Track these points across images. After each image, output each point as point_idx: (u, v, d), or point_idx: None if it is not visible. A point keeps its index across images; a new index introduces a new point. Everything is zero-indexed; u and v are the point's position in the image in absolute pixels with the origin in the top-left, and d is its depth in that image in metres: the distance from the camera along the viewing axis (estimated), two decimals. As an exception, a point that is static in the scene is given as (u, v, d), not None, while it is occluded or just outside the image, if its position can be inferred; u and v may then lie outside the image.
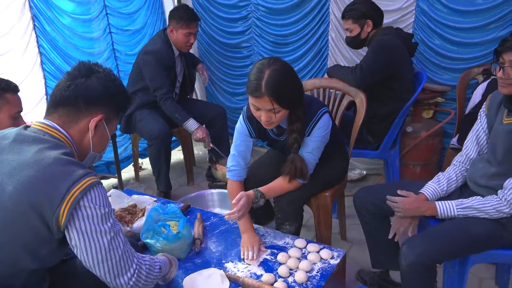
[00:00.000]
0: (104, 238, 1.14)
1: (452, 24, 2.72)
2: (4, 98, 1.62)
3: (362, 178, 3.26)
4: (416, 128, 2.84)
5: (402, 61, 2.46)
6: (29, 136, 1.16)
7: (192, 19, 2.86)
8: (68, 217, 1.09)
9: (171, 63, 2.90)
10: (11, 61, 2.68)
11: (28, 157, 1.11)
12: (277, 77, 1.60)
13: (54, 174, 1.09)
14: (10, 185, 1.08)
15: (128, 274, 1.20)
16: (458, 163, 1.80)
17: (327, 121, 1.81)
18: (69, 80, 1.23)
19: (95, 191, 1.13)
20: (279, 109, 1.65)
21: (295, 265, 1.70)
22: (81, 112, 1.23)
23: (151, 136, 2.82)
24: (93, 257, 1.14)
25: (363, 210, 1.91)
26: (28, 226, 1.09)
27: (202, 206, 2.56)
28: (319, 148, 1.86)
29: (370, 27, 2.52)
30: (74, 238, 1.12)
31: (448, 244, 1.56)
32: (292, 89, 1.65)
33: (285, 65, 1.68)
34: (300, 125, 1.75)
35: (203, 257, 1.82)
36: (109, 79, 1.28)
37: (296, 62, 3.36)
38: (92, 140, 1.27)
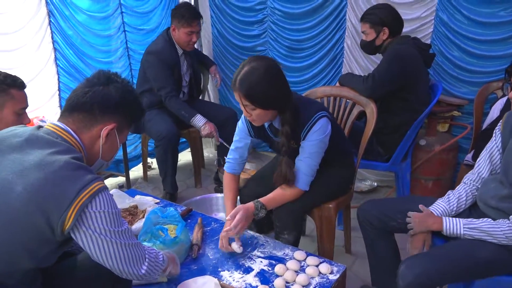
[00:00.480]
0: (114, 236, 1.18)
1: (472, 36, 2.63)
2: (9, 94, 1.63)
3: (372, 189, 3.18)
4: (429, 142, 2.75)
5: (417, 72, 2.39)
6: (42, 137, 1.18)
7: (194, 17, 2.83)
8: (75, 221, 1.11)
9: (173, 62, 2.89)
10: (25, 56, 2.71)
11: (39, 159, 1.12)
12: (251, 75, 1.63)
13: (63, 178, 1.11)
14: (20, 185, 1.09)
15: (139, 263, 1.27)
16: (470, 181, 1.73)
17: (324, 125, 1.75)
18: (87, 87, 1.26)
19: (102, 196, 1.16)
20: (252, 107, 1.67)
21: (292, 278, 1.65)
22: (95, 119, 1.26)
23: (158, 136, 2.81)
24: (105, 252, 1.18)
25: (366, 224, 1.85)
26: (32, 226, 1.11)
27: (206, 210, 2.54)
28: (317, 153, 1.80)
29: (386, 35, 2.46)
30: (83, 238, 1.15)
31: (450, 266, 1.48)
32: (267, 89, 1.64)
33: (267, 64, 1.66)
34: (288, 128, 1.74)
35: (199, 264, 1.79)
36: (127, 90, 1.31)
37: (310, 68, 3.31)
38: (102, 148, 1.29)
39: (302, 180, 1.83)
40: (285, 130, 1.75)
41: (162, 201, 2.30)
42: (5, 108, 1.62)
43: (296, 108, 1.75)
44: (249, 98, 1.65)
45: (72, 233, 1.14)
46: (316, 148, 1.78)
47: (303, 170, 1.82)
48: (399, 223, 1.77)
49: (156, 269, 1.36)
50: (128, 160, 3.18)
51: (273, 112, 1.74)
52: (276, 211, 1.93)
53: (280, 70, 1.70)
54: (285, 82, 1.72)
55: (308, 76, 3.33)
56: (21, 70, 2.62)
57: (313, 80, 3.32)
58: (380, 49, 2.51)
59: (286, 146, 1.77)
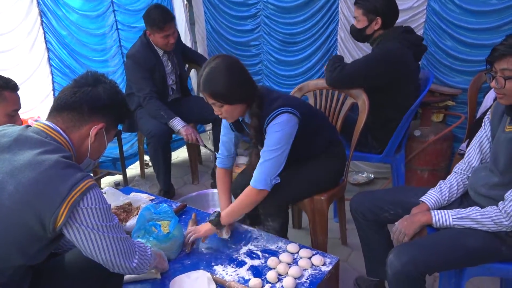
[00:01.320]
0: (105, 230, 1.20)
1: (464, 25, 2.62)
2: (1, 96, 1.64)
3: (369, 181, 3.18)
4: (424, 132, 2.74)
5: (407, 72, 2.30)
6: (32, 137, 1.19)
7: (164, 21, 2.74)
8: (67, 218, 1.13)
9: (152, 64, 2.86)
10: (18, 57, 2.73)
11: (29, 159, 1.14)
12: (212, 74, 1.70)
13: (54, 176, 1.13)
14: (11, 184, 1.11)
15: (131, 256, 1.29)
16: (460, 170, 1.72)
17: (284, 121, 1.74)
18: (75, 87, 1.28)
19: (93, 193, 1.18)
20: (219, 104, 1.74)
21: (284, 270, 1.66)
22: (84, 119, 1.28)
23: (149, 134, 2.83)
24: (97, 247, 1.20)
25: (359, 216, 1.85)
26: (22, 224, 1.12)
27: (202, 206, 2.54)
28: (276, 149, 1.75)
29: (379, 25, 2.33)
30: (76, 234, 1.17)
31: (439, 255, 1.48)
32: (229, 85, 1.70)
33: (226, 62, 1.73)
34: (256, 121, 1.79)
35: (192, 259, 1.80)
36: (114, 91, 1.34)
37: (305, 62, 3.30)
38: (91, 147, 1.32)
39: (255, 176, 1.80)
40: (253, 122, 1.80)
41: (157, 197, 2.31)
42: None
43: (262, 101, 1.79)
44: (214, 96, 1.72)
45: (64, 230, 1.16)
46: (274, 142, 1.75)
47: (258, 166, 1.80)
48: (391, 214, 1.77)
49: (145, 262, 1.38)
50: (125, 158, 3.19)
51: (241, 107, 1.78)
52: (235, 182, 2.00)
53: (240, 64, 1.77)
54: (247, 76, 1.78)
55: (303, 69, 3.32)
56: (14, 71, 2.64)
57: (308, 73, 3.31)
58: (369, 39, 2.41)
59: (255, 138, 1.83)
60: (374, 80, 2.28)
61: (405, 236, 1.60)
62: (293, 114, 1.76)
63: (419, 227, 1.60)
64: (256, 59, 3.55)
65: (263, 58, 3.51)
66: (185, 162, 3.67)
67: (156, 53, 2.91)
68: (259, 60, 3.54)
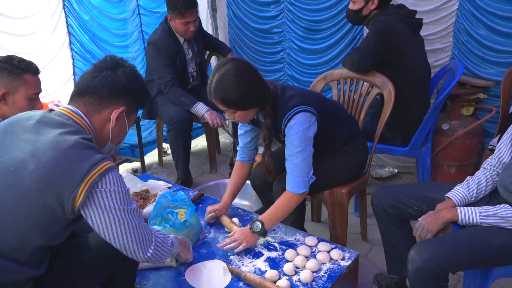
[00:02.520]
0: (123, 214, 1.20)
1: (499, 13, 2.48)
2: (22, 79, 1.64)
3: (392, 176, 3.09)
4: (453, 126, 2.63)
5: (403, 42, 2.31)
6: (53, 119, 1.21)
7: (186, 7, 2.69)
8: (85, 198, 1.13)
9: (173, 52, 2.82)
10: (40, 40, 2.72)
11: (50, 139, 1.15)
12: (223, 81, 1.63)
13: (74, 156, 1.14)
14: (32, 163, 1.12)
15: (146, 245, 1.27)
16: (489, 166, 1.63)
17: (301, 120, 1.69)
18: (95, 72, 1.29)
19: (112, 175, 1.18)
20: (232, 111, 1.69)
21: (302, 263, 1.63)
22: (104, 102, 1.28)
23: (170, 120, 2.79)
24: (111, 231, 1.20)
25: (380, 211, 1.78)
26: (43, 203, 1.13)
27: (219, 196, 2.49)
28: (301, 150, 1.71)
29: (375, 5, 2.37)
30: (92, 216, 1.17)
31: (463, 252, 1.41)
32: (241, 92, 1.64)
33: (236, 67, 1.65)
34: (270, 122, 1.75)
35: (209, 248, 1.79)
36: (134, 75, 1.34)
37: (329, 50, 3.21)
38: (112, 131, 1.32)
39: (290, 181, 1.76)
40: (266, 123, 1.75)
41: (175, 185, 2.29)
42: (18, 92, 1.63)
43: (275, 102, 1.74)
44: (226, 104, 1.67)
45: (82, 211, 1.16)
46: (298, 143, 1.71)
47: (289, 171, 1.76)
48: (415, 210, 1.71)
49: (163, 253, 1.36)
50: (143, 145, 3.18)
51: (254, 110, 1.73)
52: (275, 190, 1.91)
53: (251, 68, 1.70)
54: (259, 80, 1.71)
55: (327, 58, 3.23)
56: (36, 55, 2.63)
57: (332, 62, 3.21)
58: (365, 20, 2.44)
59: (267, 139, 1.78)
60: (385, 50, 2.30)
61: (428, 233, 1.54)
62: (310, 112, 1.71)
63: (443, 223, 1.53)
64: (278, 47, 3.47)
65: (285, 46, 3.43)
66: (203, 151, 3.65)
67: (177, 40, 2.87)
68: (281, 48, 3.45)
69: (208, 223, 1.94)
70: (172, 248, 1.40)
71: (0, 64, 1.61)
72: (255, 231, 1.71)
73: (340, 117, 1.92)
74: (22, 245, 1.19)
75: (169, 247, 1.38)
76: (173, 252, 1.43)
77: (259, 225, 1.71)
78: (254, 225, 1.72)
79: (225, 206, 1.95)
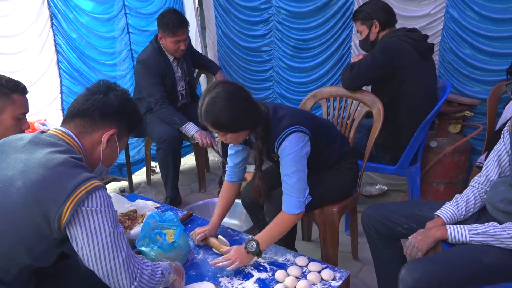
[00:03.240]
0: (108, 237, 1.17)
1: (484, 33, 2.54)
2: (10, 98, 1.64)
3: (382, 193, 3.09)
4: (441, 143, 2.65)
5: (407, 65, 2.29)
6: (44, 139, 1.22)
7: (178, 26, 2.71)
8: (71, 216, 1.12)
9: (162, 70, 2.83)
10: (28, 59, 2.70)
11: (39, 157, 1.16)
12: (214, 105, 1.63)
13: (61, 174, 1.14)
14: (20, 180, 1.13)
15: (131, 278, 1.21)
16: (478, 184, 1.64)
17: (295, 141, 1.69)
18: (88, 95, 1.32)
19: (99, 193, 1.17)
20: (223, 133, 1.69)
21: (292, 284, 1.60)
22: (96, 125, 1.30)
23: (160, 139, 2.77)
24: (95, 255, 1.16)
25: (371, 229, 1.77)
26: (30, 221, 1.13)
27: (209, 215, 2.46)
28: (296, 171, 1.71)
29: (378, 28, 2.41)
30: (76, 235, 1.15)
31: (453, 271, 1.40)
32: (231, 115, 1.64)
33: (227, 90, 1.65)
34: (260, 143, 1.75)
35: (198, 270, 1.75)
36: (126, 98, 1.37)
37: (317, 69, 3.24)
38: (103, 153, 1.33)
39: (286, 202, 1.75)
40: (257, 145, 1.75)
41: (163, 205, 2.25)
42: (5, 112, 1.63)
43: (267, 123, 1.74)
44: (216, 127, 1.67)
45: (67, 230, 1.15)
46: (292, 164, 1.70)
47: (285, 191, 1.75)
48: (405, 229, 1.69)
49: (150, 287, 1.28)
50: (131, 164, 3.14)
51: (246, 132, 1.74)
52: (267, 209, 1.90)
53: (242, 91, 1.70)
54: (250, 102, 1.70)
55: (315, 76, 3.25)
56: (23, 73, 2.62)
57: (321, 80, 3.24)
58: (376, 45, 2.45)
59: (258, 161, 1.78)
60: (378, 70, 2.30)
61: (418, 251, 1.53)
62: (303, 132, 1.71)
63: (433, 242, 1.53)
64: (267, 65, 3.49)
65: (274, 64, 3.46)
66: (192, 169, 3.62)
67: (167, 58, 2.87)
68: (270, 66, 3.48)
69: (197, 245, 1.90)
70: (162, 278, 1.34)
71: None
72: (250, 251, 1.69)
73: (331, 136, 1.92)
74: (7, 264, 1.18)
75: (157, 279, 1.31)
76: (164, 280, 1.37)
77: (254, 245, 1.69)
78: (249, 244, 1.69)
79: (214, 228, 1.92)
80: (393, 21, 2.45)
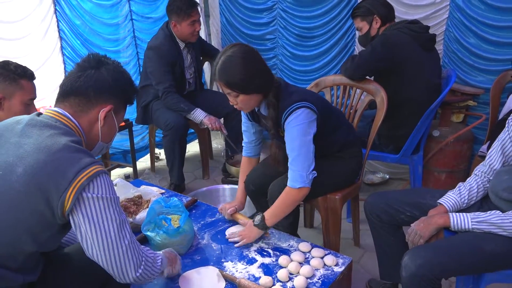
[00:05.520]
0: (111, 225, 1.15)
1: (489, 22, 2.53)
2: (18, 84, 1.65)
3: (384, 182, 3.11)
4: (443, 133, 2.66)
5: (407, 57, 2.30)
6: (41, 121, 1.19)
7: (191, 6, 2.78)
8: (74, 202, 1.10)
9: (174, 58, 2.85)
10: (31, 45, 2.70)
11: (39, 142, 1.14)
12: (228, 63, 1.66)
13: (62, 159, 1.12)
14: (20, 167, 1.11)
15: (135, 265, 1.21)
16: (481, 173, 1.65)
17: (302, 115, 1.69)
18: (79, 71, 1.26)
19: (101, 179, 1.15)
20: (235, 94, 1.70)
21: (296, 269, 1.62)
22: (91, 102, 1.26)
23: (166, 126, 2.79)
24: (99, 244, 1.15)
25: (373, 217, 1.79)
26: (33, 208, 1.11)
27: (213, 201, 2.50)
28: (300, 144, 1.71)
29: (379, 23, 2.42)
30: (80, 223, 1.13)
31: (455, 259, 1.43)
32: (245, 74, 1.66)
33: (242, 50, 1.68)
34: (273, 112, 1.75)
35: (202, 254, 1.77)
36: (118, 71, 1.31)
37: (321, 57, 3.24)
38: (101, 130, 1.30)
39: (292, 176, 1.75)
40: (270, 113, 1.76)
41: (167, 191, 2.28)
42: (14, 98, 1.64)
43: (278, 92, 1.75)
44: (229, 86, 1.68)
45: (70, 217, 1.13)
46: (297, 137, 1.71)
47: (290, 165, 1.75)
48: (407, 216, 1.72)
49: (152, 273, 1.29)
50: (135, 150, 3.16)
51: (257, 97, 1.74)
52: (271, 193, 1.92)
53: (256, 53, 1.73)
54: (263, 65, 1.74)
55: (319, 64, 3.26)
56: (26, 59, 2.61)
57: (325, 69, 3.25)
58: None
59: (273, 129, 1.79)
60: (378, 63, 2.32)
61: (420, 238, 1.55)
62: (311, 109, 1.71)
63: (435, 229, 1.55)
64: (271, 53, 3.49)
65: (278, 52, 3.46)
66: (196, 156, 3.64)
67: (178, 46, 2.89)
68: (274, 55, 3.48)
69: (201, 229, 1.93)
70: (161, 267, 1.34)
71: None
72: (256, 223, 1.76)
73: (338, 122, 1.93)
74: (14, 252, 1.17)
75: (158, 267, 1.32)
76: (161, 270, 1.37)
77: (259, 218, 1.75)
78: (256, 218, 1.76)
79: (241, 203, 2.01)
80: (392, 16, 2.45)
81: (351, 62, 2.31)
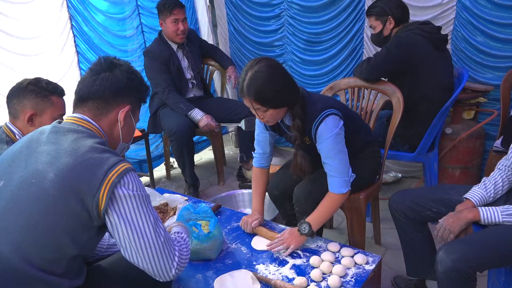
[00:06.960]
0: (146, 224, 1.18)
1: (496, 20, 2.58)
2: (49, 100, 1.68)
3: (397, 181, 3.15)
4: (455, 130, 2.71)
5: (420, 58, 2.34)
6: (63, 127, 1.23)
7: (175, 5, 2.87)
8: (108, 201, 1.14)
9: (165, 57, 2.94)
10: (49, 60, 2.75)
11: (65, 146, 1.17)
12: (257, 78, 1.65)
13: (91, 160, 1.15)
14: (51, 172, 1.14)
15: (171, 260, 1.24)
16: (504, 167, 1.69)
17: (331, 125, 1.73)
18: (93, 75, 1.28)
19: (131, 175, 1.18)
20: (264, 109, 1.70)
21: (328, 269, 1.65)
22: (109, 105, 1.29)
23: (170, 131, 2.87)
24: (136, 244, 1.18)
25: (399, 214, 1.83)
26: (70, 211, 1.14)
27: (232, 206, 2.54)
28: (337, 152, 1.76)
29: (392, 24, 2.46)
30: (115, 222, 1.16)
31: (489, 252, 1.46)
32: (275, 89, 1.67)
33: (268, 65, 1.68)
34: (299, 122, 1.76)
35: (233, 258, 1.80)
36: (131, 71, 1.34)
37: (330, 61, 3.29)
38: (122, 131, 1.33)
39: (331, 183, 1.81)
40: (296, 124, 1.77)
41: (191, 198, 2.31)
42: (45, 114, 1.67)
43: (304, 102, 1.77)
44: (260, 101, 1.67)
45: (107, 219, 1.17)
46: (332, 146, 1.75)
47: (329, 173, 1.81)
48: (434, 212, 1.75)
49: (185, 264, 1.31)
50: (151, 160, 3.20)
51: (285, 109, 1.76)
52: (296, 195, 1.95)
53: (282, 67, 1.74)
54: (290, 78, 1.74)
55: (328, 69, 3.31)
56: (45, 74, 2.61)
57: (333, 73, 3.30)
58: (389, 40, 2.49)
59: (299, 139, 1.80)
60: (394, 64, 2.35)
61: (450, 233, 1.58)
62: (338, 115, 1.76)
63: (465, 224, 1.57)
64: (280, 60, 3.53)
65: (287, 58, 3.51)
66: (209, 163, 3.68)
67: (170, 47, 2.99)
68: (283, 61, 3.53)
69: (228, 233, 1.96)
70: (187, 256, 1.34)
71: (28, 86, 1.64)
72: (303, 232, 1.76)
73: (357, 124, 1.97)
74: (56, 257, 1.19)
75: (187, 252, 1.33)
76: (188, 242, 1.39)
77: (306, 227, 1.76)
78: (302, 227, 1.77)
79: (262, 215, 1.99)
80: (406, 17, 2.49)
81: (367, 64, 2.35)
